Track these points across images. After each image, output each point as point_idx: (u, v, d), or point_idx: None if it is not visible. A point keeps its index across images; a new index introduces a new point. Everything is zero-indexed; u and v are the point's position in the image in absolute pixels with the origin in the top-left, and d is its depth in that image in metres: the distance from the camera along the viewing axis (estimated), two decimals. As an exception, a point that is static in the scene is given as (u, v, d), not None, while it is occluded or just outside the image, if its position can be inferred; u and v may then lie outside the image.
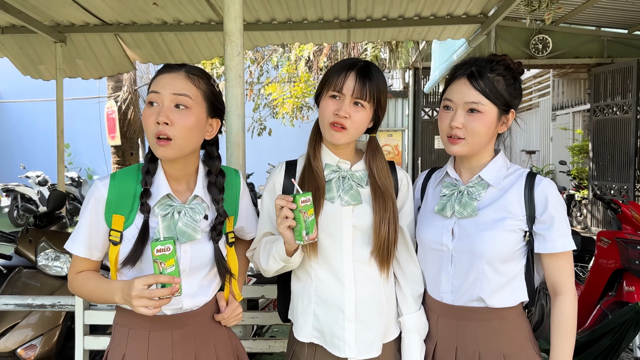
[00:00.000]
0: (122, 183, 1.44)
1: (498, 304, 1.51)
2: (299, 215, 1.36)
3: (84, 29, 4.87)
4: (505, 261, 1.50)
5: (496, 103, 1.50)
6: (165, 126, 1.35)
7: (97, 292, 1.42)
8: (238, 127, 2.25)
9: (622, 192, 7.70)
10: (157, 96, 1.37)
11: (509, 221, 1.49)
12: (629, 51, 8.35)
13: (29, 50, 5.22)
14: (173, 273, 1.26)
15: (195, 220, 1.43)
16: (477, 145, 1.53)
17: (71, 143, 14.19)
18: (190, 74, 1.42)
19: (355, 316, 1.51)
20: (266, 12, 4.53)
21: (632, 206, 3.54)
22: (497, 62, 1.53)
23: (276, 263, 1.50)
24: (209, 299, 1.52)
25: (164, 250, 1.25)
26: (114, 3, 4.31)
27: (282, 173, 1.62)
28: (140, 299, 1.25)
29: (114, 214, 1.41)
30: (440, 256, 1.56)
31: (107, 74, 5.66)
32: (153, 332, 1.44)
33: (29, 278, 3.00)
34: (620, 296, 3.41)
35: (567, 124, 12.18)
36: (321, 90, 1.55)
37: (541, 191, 1.50)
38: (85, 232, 1.43)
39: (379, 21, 4.77)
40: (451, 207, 1.55)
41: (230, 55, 2.24)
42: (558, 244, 1.47)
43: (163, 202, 1.43)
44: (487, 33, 4.64)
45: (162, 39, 5.14)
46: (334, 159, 1.57)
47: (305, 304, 1.57)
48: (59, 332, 2.89)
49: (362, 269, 1.53)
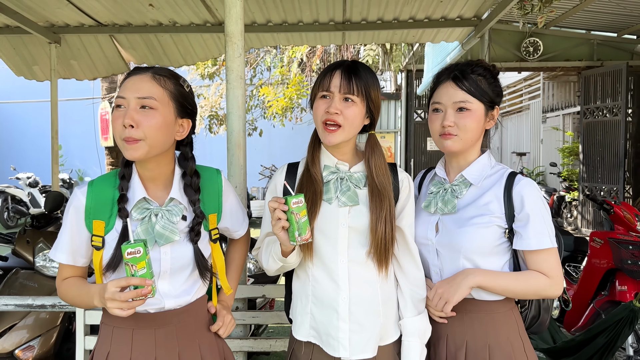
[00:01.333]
0: (100, 189, 1.46)
1: (483, 296, 1.58)
2: (291, 216, 1.39)
3: (79, 30, 4.85)
4: (484, 256, 1.57)
5: (482, 100, 1.61)
6: (130, 129, 1.36)
7: (79, 297, 1.46)
8: (239, 128, 2.27)
9: (611, 193, 7.80)
10: (123, 100, 1.39)
11: (487, 218, 1.57)
12: (618, 54, 8.46)
13: (22, 51, 5.19)
14: (145, 275, 1.28)
15: (172, 222, 1.44)
16: (469, 141, 1.61)
17: (63, 144, 14.05)
18: (156, 75, 1.43)
19: (349, 316, 1.53)
20: (262, 14, 4.54)
21: (624, 206, 3.60)
22: (476, 64, 1.65)
23: (275, 263, 1.55)
24: (192, 299, 1.53)
25: (134, 253, 1.27)
26: (109, 4, 4.30)
27: (283, 175, 1.65)
28: (113, 301, 1.28)
29: (94, 219, 1.43)
30: (428, 250, 1.65)
31: (101, 75, 5.64)
32: (136, 330, 1.46)
33: (26, 279, 3.00)
34: (613, 295, 3.47)
35: (558, 126, 12.30)
36: (312, 94, 1.59)
37: (518, 190, 1.56)
38: (67, 240, 1.46)
39: (374, 23, 4.80)
40: (435, 204, 1.65)
41: (232, 56, 2.25)
42: (533, 242, 1.53)
43: (140, 206, 1.44)
44: (480, 36, 4.69)
45: (158, 40, 5.13)
46: (332, 160, 1.59)
47: (304, 303, 1.60)
48: (56, 333, 2.89)
49: (357, 270, 1.54)
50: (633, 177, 8.71)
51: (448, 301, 1.52)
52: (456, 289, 1.52)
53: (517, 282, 1.54)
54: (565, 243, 4.24)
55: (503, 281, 1.54)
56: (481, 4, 4.37)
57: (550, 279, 1.54)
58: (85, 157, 15.14)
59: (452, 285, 1.53)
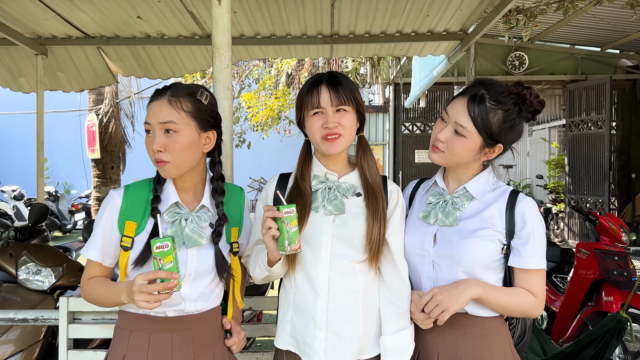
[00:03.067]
0: (135, 192, 1.56)
1: (477, 312, 1.55)
2: (282, 225, 1.41)
3: (66, 42, 4.83)
4: (483, 269, 1.55)
5: (481, 134, 1.54)
6: (160, 153, 1.48)
7: (105, 294, 1.50)
8: (226, 138, 2.24)
9: (597, 205, 7.88)
10: (149, 126, 1.51)
11: (489, 231, 1.55)
12: (602, 68, 8.62)
13: (8, 63, 5.15)
14: (171, 269, 1.34)
15: (201, 227, 1.54)
16: (454, 162, 1.60)
17: (49, 157, 13.93)
18: (172, 99, 1.50)
19: (326, 325, 1.53)
20: (250, 26, 4.56)
21: (610, 218, 3.64)
22: (510, 93, 1.55)
23: (261, 272, 1.56)
24: (210, 306, 1.59)
25: (162, 247, 1.33)
26: (97, 16, 4.29)
27: (274, 184, 1.68)
28: (140, 294, 1.33)
29: (126, 220, 1.52)
30: (422, 261, 1.61)
31: (88, 87, 5.61)
32: (154, 334, 1.51)
33: (9, 292, 2.95)
34: (600, 306, 3.49)
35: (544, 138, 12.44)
36: (300, 114, 1.60)
37: (521, 209, 1.56)
38: (100, 239, 1.53)
39: (362, 37, 4.84)
40: (435, 215, 1.62)
41: (219, 67, 2.26)
42: (530, 261, 1.53)
43: (171, 210, 1.54)
44: (466, 50, 4.74)
45: (146, 53, 5.13)
46: (322, 170, 1.61)
47: (285, 311, 1.61)
48: (39, 348, 2.84)
49: (338, 279, 1.54)
50: (618, 189, 8.82)
51: (447, 309, 1.45)
52: (457, 297, 1.47)
53: (512, 298, 1.53)
54: (551, 254, 4.26)
55: (500, 296, 1.52)
56: (467, 18, 4.42)
57: (537, 299, 1.55)
58: (72, 170, 15.03)
59: (454, 293, 1.47)
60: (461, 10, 4.23)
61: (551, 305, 4.00)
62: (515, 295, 1.54)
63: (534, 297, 1.54)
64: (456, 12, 4.27)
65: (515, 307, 1.54)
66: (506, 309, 1.55)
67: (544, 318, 4.00)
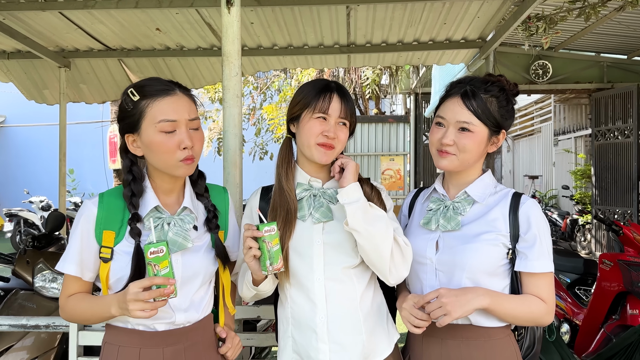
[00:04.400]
0: (111, 200, 1.47)
1: (482, 322, 1.50)
2: (263, 245, 1.37)
3: (88, 54, 4.94)
4: (488, 275, 1.50)
5: (487, 124, 1.53)
6: (190, 150, 1.42)
7: (91, 310, 1.43)
8: (235, 146, 2.27)
9: (625, 216, 7.65)
10: (174, 124, 1.40)
11: (493, 234, 1.51)
12: (628, 76, 8.41)
13: (33, 75, 5.29)
14: (167, 274, 1.29)
15: (185, 230, 1.46)
16: (467, 162, 1.56)
17: (75, 168, 14.24)
18: (188, 94, 1.49)
19: (328, 336, 1.49)
20: (267, 37, 4.59)
21: (634, 228, 3.52)
22: (492, 82, 1.56)
23: (249, 291, 1.53)
24: (200, 316, 1.52)
25: (157, 252, 1.28)
26: (117, 29, 4.38)
27: (258, 198, 1.64)
28: (135, 302, 1.27)
29: (104, 230, 1.43)
30: (424, 270, 1.57)
31: (110, 98, 5.71)
32: (144, 350, 1.43)
33: (25, 300, 2.99)
34: (625, 319, 3.37)
35: (570, 148, 12.20)
36: (299, 112, 1.55)
37: (525, 211, 1.52)
38: (76, 251, 1.44)
39: (379, 46, 4.83)
40: (436, 221, 1.58)
41: (228, 75, 2.27)
42: (537, 264, 1.48)
43: (152, 215, 1.45)
44: (485, 57, 4.69)
45: (165, 64, 5.20)
46: (305, 177, 1.58)
47: (285, 327, 1.57)
48: (54, 354, 2.87)
49: (334, 287, 1.51)
50: (647, 200, 8.56)
51: (449, 314, 1.39)
52: (463, 304, 1.41)
53: (521, 307, 1.48)
54: (574, 266, 4.15)
55: (509, 305, 1.47)
56: (485, 25, 4.37)
57: (547, 305, 1.49)
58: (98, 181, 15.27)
59: (460, 299, 1.41)
60: (479, 18, 4.19)
61: (574, 319, 3.88)
62: (524, 302, 1.48)
63: (543, 303, 1.48)
64: (474, 20, 4.23)
65: (525, 315, 1.48)
66: (516, 318, 1.49)
67: (565, 332, 3.88)
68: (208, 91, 9.98)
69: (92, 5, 3.75)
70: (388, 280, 1.49)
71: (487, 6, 3.93)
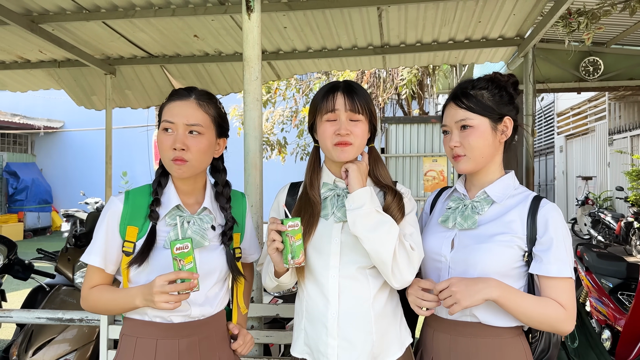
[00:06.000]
0: (136, 197, 1.57)
1: (490, 321, 1.49)
2: (286, 239, 1.43)
3: (132, 62, 5.15)
4: (501, 276, 1.48)
5: (484, 114, 1.55)
6: (182, 152, 1.48)
7: (115, 301, 1.51)
8: (255, 148, 2.32)
9: (683, 219, 7.25)
10: (172, 125, 1.50)
11: (509, 236, 1.50)
12: (687, 71, 7.96)
13: (82, 82, 5.56)
14: (191, 269, 1.37)
15: (203, 229, 1.54)
16: (480, 158, 1.56)
17: (129, 171, 14.84)
18: (200, 102, 1.54)
19: (338, 332, 1.51)
20: (301, 41, 4.65)
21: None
22: (479, 79, 1.60)
23: (271, 281, 1.58)
24: (214, 311, 1.60)
25: (182, 248, 1.36)
26: (158, 37, 4.55)
27: (285, 193, 1.70)
28: (161, 295, 1.35)
29: (128, 225, 1.52)
30: (438, 267, 1.58)
31: (154, 103, 5.93)
32: (160, 341, 1.51)
33: (67, 295, 3.16)
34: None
35: (626, 148, 11.66)
36: (313, 120, 1.61)
37: (543, 214, 1.50)
38: (101, 244, 1.53)
39: (413, 46, 4.80)
40: (453, 219, 1.59)
41: (249, 80, 2.33)
42: (553, 268, 1.45)
43: (173, 213, 1.55)
44: (524, 55, 4.57)
45: (205, 70, 5.36)
46: (331, 177, 1.62)
47: (299, 319, 1.62)
48: (92, 347, 3.01)
49: (348, 285, 1.53)
50: None
51: (458, 302, 1.40)
52: (473, 294, 1.41)
53: (537, 306, 1.44)
54: (616, 270, 3.98)
55: (522, 302, 1.44)
56: (522, 22, 4.27)
57: (567, 312, 1.45)
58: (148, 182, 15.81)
59: (470, 289, 1.41)
60: (515, 15, 4.09)
61: (616, 324, 3.72)
62: (540, 303, 1.45)
63: (562, 308, 1.44)
64: (510, 17, 4.14)
65: (540, 316, 1.44)
66: (529, 317, 1.45)
67: (606, 339, 3.73)
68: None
69: (132, 14, 3.93)
70: (392, 284, 1.50)
71: (523, 3, 3.84)
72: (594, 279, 4.20)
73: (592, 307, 4.20)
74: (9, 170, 15.30)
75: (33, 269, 3.67)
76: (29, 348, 2.92)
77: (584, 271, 4.36)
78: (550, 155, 18.33)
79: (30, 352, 2.91)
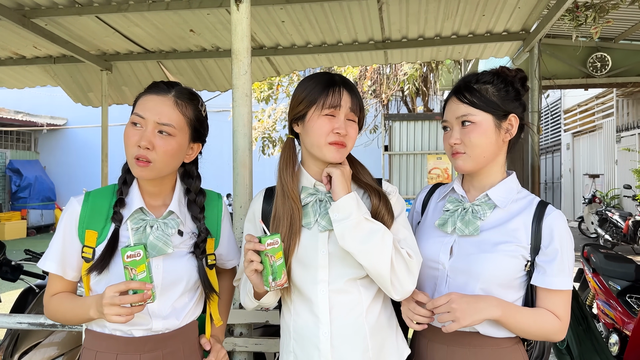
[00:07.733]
0: (96, 199, 1.44)
1: (490, 332, 1.41)
2: (265, 259, 1.28)
3: (128, 57, 5.04)
4: (503, 288, 1.41)
5: (487, 110, 1.45)
6: (146, 150, 1.36)
7: (72, 311, 1.41)
8: (244, 146, 2.21)
9: (693, 218, 7.10)
10: (142, 120, 1.37)
11: (513, 246, 1.41)
12: (697, 67, 7.80)
13: (78, 79, 5.47)
14: (144, 279, 1.25)
15: (167, 235, 1.41)
16: (481, 157, 1.46)
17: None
18: (178, 100, 1.41)
19: (332, 353, 1.39)
20: (300, 36, 4.53)
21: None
22: (484, 73, 1.50)
23: (251, 302, 1.45)
24: (181, 323, 1.47)
25: (134, 256, 1.24)
26: (154, 31, 4.45)
27: (261, 201, 1.53)
28: (111, 307, 1.23)
29: (86, 229, 1.41)
30: (435, 275, 1.48)
31: (152, 100, 5.83)
32: (120, 356, 1.40)
33: (55, 297, 3.06)
34: (678, 332, 3.08)
35: (634, 145, 11.48)
36: (304, 110, 1.43)
37: (549, 223, 1.42)
38: (57, 249, 1.42)
39: (415, 41, 4.67)
40: (453, 224, 1.48)
41: (237, 74, 2.22)
42: (555, 281, 1.38)
43: (136, 216, 1.42)
44: (529, 50, 4.43)
45: (203, 66, 5.25)
46: (310, 181, 1.47)
47: (286, 340, 1.48)
48: (80, 351, 2.91)
49: (339, 300, 1.40)
50: None
51: (457, 321, 1.32)
52: (473, 313, 1.33)
53: (534, 321, 1.39)
54: (625, 272, 3.85)
55: (521, 318, 1.38)
56: (527, 16, 4.13)
57: (561, 322, 1.40)
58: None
59: (471, 307, 1.33)
60: (520, 9, 3.96)
61: (624, 329, 3.60)
62: (537, 317, 1.40)
63: (557, 320, 1.40)
64: (514, 11, 4.00)
65: (537, 330, 1.40)
66: (526, 332, 1.40)
67: (614, 343, 3.60)
68: (254, 91, 10.06)
69: (125, 8, 3.82)
70: (392, 296, 1.38)
71: (527, -5, 3.71)
72: (601, 281, 4.08)
73: (600, 310, 4.07)
74: (12, 168, 15.30)
75: (22, 270, 3.58)
76: (14, 352, 2.83)
77: (591, 273, 4.23)
78: (556, 153, 18.14)
79: (16, 357, 2.81)
